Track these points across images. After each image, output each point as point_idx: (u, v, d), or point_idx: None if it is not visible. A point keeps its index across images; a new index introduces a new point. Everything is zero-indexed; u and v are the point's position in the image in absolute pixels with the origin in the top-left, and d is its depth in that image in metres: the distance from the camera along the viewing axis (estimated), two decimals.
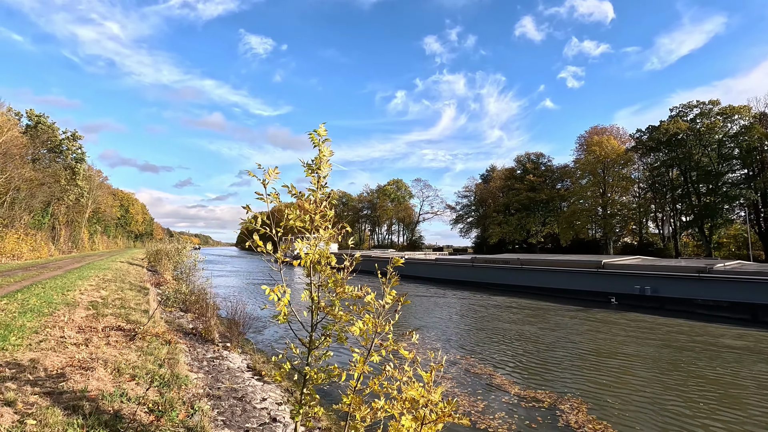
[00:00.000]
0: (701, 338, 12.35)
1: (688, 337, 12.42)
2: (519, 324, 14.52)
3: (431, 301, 20.31)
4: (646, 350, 10.86)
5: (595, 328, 13.89)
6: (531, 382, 8.29)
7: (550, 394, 7.43)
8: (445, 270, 29.97)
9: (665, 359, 10.00)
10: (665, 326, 14.06)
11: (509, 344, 11.64)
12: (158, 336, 7.59)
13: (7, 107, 32.89)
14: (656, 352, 10.72)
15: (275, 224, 3.08)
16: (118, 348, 6.43)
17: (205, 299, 11.87)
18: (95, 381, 4.68)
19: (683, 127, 46.14)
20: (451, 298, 21.55)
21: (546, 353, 10.62)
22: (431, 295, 22.62)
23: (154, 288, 17.52)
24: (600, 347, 11.24)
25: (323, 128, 3.19)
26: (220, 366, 7.29)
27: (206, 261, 32.32)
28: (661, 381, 8.35)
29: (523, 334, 12.84)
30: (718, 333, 13.05)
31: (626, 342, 11.81)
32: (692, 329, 13.61)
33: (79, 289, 12.30)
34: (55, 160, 39.19)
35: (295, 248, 14.69)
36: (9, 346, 5.52)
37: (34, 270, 19.55)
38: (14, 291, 11.22)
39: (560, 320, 15.24)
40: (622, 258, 23.70)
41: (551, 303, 19.35)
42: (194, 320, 12.14)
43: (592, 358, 10.13)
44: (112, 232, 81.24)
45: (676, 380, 8.39)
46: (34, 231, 32.93)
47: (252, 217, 3.16)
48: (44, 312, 8.22)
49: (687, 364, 9.54)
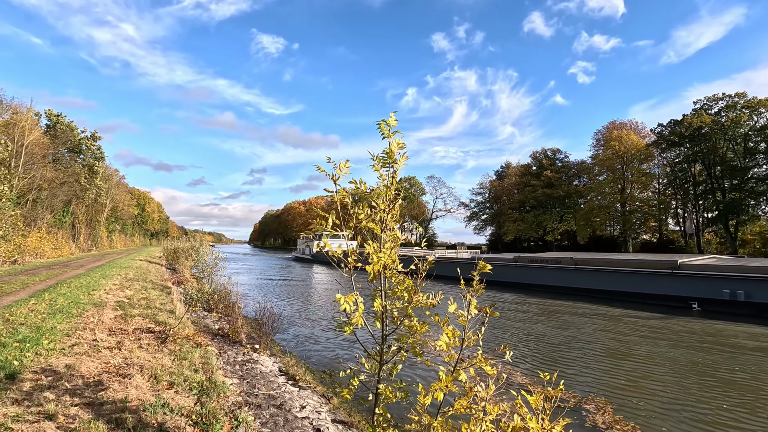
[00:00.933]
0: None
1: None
2: (595, 334, 12.67)
3: None
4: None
5: (696, 342, 11.63)
6: None
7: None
8: (448, 267, 29.09)
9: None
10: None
11: (597, 359, 9.99)
12: (188, 338, 7.38)
13: (27, 108, 33.31)
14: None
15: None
16: (151, 351, 6.22)
17: (229, 299, 11.68)
18: (134, 389, 4.44)
19: (707, 120, 44.74)
20: (498, 302, 19.80)
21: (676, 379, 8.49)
22: None
23: (176, 287, 17.47)
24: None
25: (393, 118, 2.87)
26: (253, 370, 7.05)
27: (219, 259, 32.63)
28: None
29: (612, 349, 10.94)
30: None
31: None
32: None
33: (104, 288, 12.23)
34: (75, 160, 39.67)
35: (314, 246, 14.20)
36: (43, 351, 5.34)
37: (57, 268, 19.69)
38: (41, 290, 11.18)
39: (644, 331, 13.06)
40: (698, 257, 21.45)
41: (616, 308, 17.35)
42: (219, 320, 11.98)
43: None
44: (129, 231, 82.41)
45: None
46: (55, 230, 33.37)
47: (321, 218, 2.84)
48: (73, 313, 8.08)
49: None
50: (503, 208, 74.95)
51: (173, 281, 19.05)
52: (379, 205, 2.83)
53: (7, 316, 7.46)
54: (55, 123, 38.17)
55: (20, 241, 22.97)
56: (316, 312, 16.66)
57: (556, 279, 22.69)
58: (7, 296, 10.33)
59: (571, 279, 21.93)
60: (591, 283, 20.90)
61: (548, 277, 23.20)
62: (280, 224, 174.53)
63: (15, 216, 23.52)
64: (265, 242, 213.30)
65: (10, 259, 20.88)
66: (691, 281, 17.32)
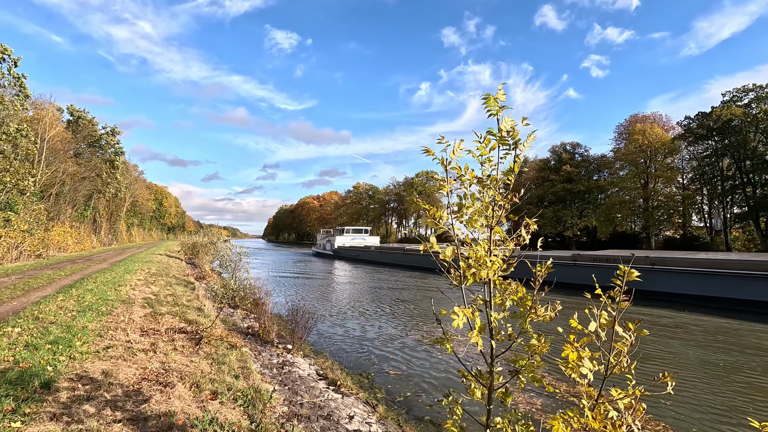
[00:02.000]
0: None
1: None
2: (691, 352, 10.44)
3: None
4: None
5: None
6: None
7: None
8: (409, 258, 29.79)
9: None
10: None
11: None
12: (222, 339, 7.02)
13: (50, 103, 33.56)
14: None
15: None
16: (186, 354, 5.85)
17: (257, 296, 11.34)
18: (177, 401, 4.05)
19: (737, 113, 42.98)
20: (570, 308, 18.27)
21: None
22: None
23: (199, 282, 17.27)
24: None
25: (501, 92, 2.36)
26: (291, 374, 6.65)
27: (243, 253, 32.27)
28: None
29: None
30: None
31: None
32: None
33: (130, 284, 12.01)
34: (96, 155, 40.02)
35: (335, 241, 13.36)
36: (77, 354, 4.99)
37: (80, 263, 19.70)
38: (67, 286, 10.99)
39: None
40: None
41: (714, 317, 14.86)
42: (246, 318, 11.67)
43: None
44: (147, 225, 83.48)
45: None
46: (77, 224, 33.70)
47: (431, 217, 2.36)
48: (102, 311, 7.79)
49: None
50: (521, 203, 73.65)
51: (195, 276, 18.89)
52: (493, 199, 2.33)
53: (36, 313, 7.20)
54: (77, 118, 38.49)
55: (44, 236, 23.12)
56: (342, 309, 16.27)
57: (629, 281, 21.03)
58: (35, 292, 10.15)
59: (646, 281, 19.66)
60: (673, 287, 18.68)
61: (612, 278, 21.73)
62: (294, 219, 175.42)
63: (38, 210, 23.68)
64: (279, 237, 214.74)
65: (35, 253, 20.99)
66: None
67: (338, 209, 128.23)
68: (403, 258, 40.12)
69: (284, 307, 14.57)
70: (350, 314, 15.25)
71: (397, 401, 6.91)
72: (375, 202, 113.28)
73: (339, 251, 56.46)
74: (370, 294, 20.89)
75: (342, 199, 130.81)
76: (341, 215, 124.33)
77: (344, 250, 55.73)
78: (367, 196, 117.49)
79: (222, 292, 12.96)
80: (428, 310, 16.31)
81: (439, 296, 18.88)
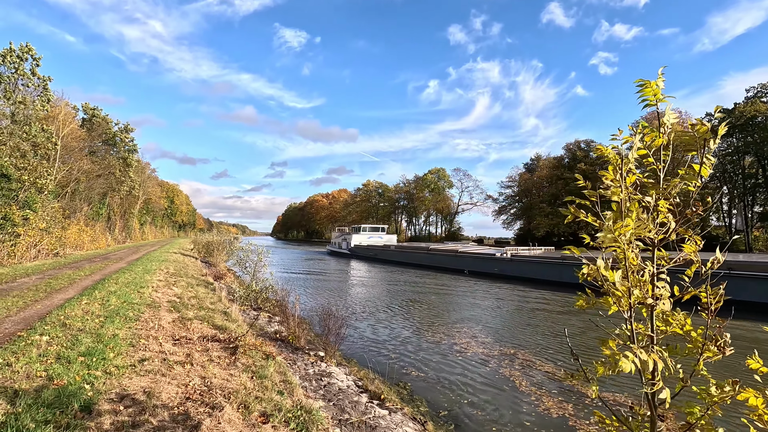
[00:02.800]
0: None
1: None
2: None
3: (523, 305, 17.46)
4: None
5: None
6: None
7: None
8: (531, 267, 25.58)
9: None
10: None
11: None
12: (256, 348, 6.64)
13: (64, 102, 33.59)
14: None
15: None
16: (224, 367, 5.48)
17: (282, 299, 10.97)
18: (228, 425, 3.66)
19: (762, 109, 41.77)
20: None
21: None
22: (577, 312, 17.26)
23: (217, 282, 17.00)
24: None
25: (662, 77, 1.91)
26: (331, 386, 6.25)
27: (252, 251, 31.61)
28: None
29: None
30: None
31: None
32: None
33: (152, 285, 11.72)
34: (110, 152, 40.09)
35: (351, 240, 12.64)
36: (112, 368, 4.64)
37: (98, 261, 19.56)
38: (90, 287, 10.72)
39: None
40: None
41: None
42: (270, 320, 11.32)
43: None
44: (159, 223, 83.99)
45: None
46: (92, 222, 33.74)
47: (613, 231, 1.90)
48: (130, 316, 7.46)
49: None
50: (534, 201, 72.73)
51: (213, 276, 18.64)
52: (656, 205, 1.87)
53: (62, 319, 6.89)
54: (92, 116, 38.55)
55: (61, 234, 23.05)
56: (367, 312, 15.76)
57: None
58: (57, 293, 9.89)
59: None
60: (755, 295, 16.09)
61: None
62: (304, 217, 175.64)
63: (56, 209, 23.62)
64: (288, 234, 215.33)
65: (53, 252, 20.91)
66: None
67: (347, 207, 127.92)
68: (428, 258, 37.46)
69: (307, 309, 14.20)
70: (376, 318, 14.71)
71: (441, 416, 6.49)
72: (385, 200, 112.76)
73: (355, 250, 54.60)
74: (394, 296, 20.10)
75: (351, 197, 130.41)
76: (350, 213, 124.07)
77: (361, 249, 53.95)
78: (376, 194, 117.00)
79: (244, 294, 12.63)
80: (460, 314, 15.82)
81: (555, 318, 15.27)
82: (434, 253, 36.98)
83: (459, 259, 32.65)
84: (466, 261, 31.81)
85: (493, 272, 28.39)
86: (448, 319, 14.61)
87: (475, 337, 11.81)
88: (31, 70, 23.17)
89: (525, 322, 14.25)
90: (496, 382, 8.07)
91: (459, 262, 32.46)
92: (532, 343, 11.15)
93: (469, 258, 31.87)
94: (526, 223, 76.77)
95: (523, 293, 21.07)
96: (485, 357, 9.77)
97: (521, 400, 7.17)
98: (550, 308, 16.87)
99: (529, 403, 7.00)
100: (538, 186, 72.95)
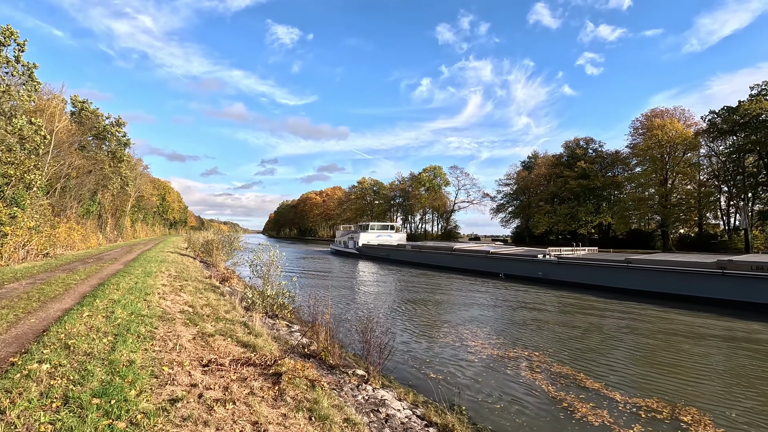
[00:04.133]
0: None
1: None
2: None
3: (615, 323, 14.33)
4: None
5: None
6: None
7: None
8: (583, 272, 23.40)
9: None
10: None
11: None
12: (298, 373, 5.60)
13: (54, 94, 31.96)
14: None
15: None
16: (270, 403, 4.44)
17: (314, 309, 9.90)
18: None
19: (767, 106, 41.48)
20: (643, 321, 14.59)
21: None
22: (598, 311, 16.45)
23: (223, 285, 15.86)
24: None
25: None
26: (391, 420, 5.24)
27: (245, 249, 29.58)
28: None
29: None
30: None
31: None
32: None
33: (157, 292, 10.58)
34: (101, 147, 38.45)
35: (359, 239, 10.97)
36: (139, 417, 3.56)
37: (92, 263, 18.28)
38: (88, 294, 9.56)
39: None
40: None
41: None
42: (291, 330, 10.26)
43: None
44: (150, 220, 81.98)
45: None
46: (83, 220, 32.22)
47: None
48: (143, 333, 6.37)
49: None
50: (532, 199, 72.25)
51: (217, 278, 17.47)
52: None
53: (63, 338, 5.78)
54: (81, 110, 36.89)
55: (51, 233, 21.67)
56: (392, 320, 14.34)
57: (702, 288, 17.95)
58: (53, 302, 8.72)
59: (727, 289, 17.08)
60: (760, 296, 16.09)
61: (688, 285, 18.60)
62: (297, 214, 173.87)
63: (45, 206, 22.21)
64: (280, 232, 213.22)
65: (42, 252, 19.55)
66: None
67: (342, 205, 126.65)
68: (453, 260, 34.01)
69: (361, 327, 12.95)
70: (406, 327, 13.17)
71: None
72: (380, 197, 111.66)
73: (364, 250, 51.39)
74: (422, 303, 18.00)
75: (346, 195, 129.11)
76: (345, 211, 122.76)
77: (370, 248, 50.65)
78: (371, 191, 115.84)
79: (258, 300, 11.56)
80: (517, 324, 14.71)
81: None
82: (460, 255, 33.85)
83: (491, 262, 30.10)
84: (502, 263, 29.05)
85: (537, 276, 25.70)
86: (508, 335, 12.37)
87: (553, 357, 9.91)
88: (15, 57, 21.62)
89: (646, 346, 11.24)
90: None
91: (492, 264, 29.90)
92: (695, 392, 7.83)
93: (504, 260, 29.14)
94: (524, 221, 76.35)
95: (592, 303, 18.19)
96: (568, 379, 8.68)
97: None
98: (673, 328, 13.55)
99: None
100: (537, 184, 72.44)
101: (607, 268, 22.50)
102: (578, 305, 17.82)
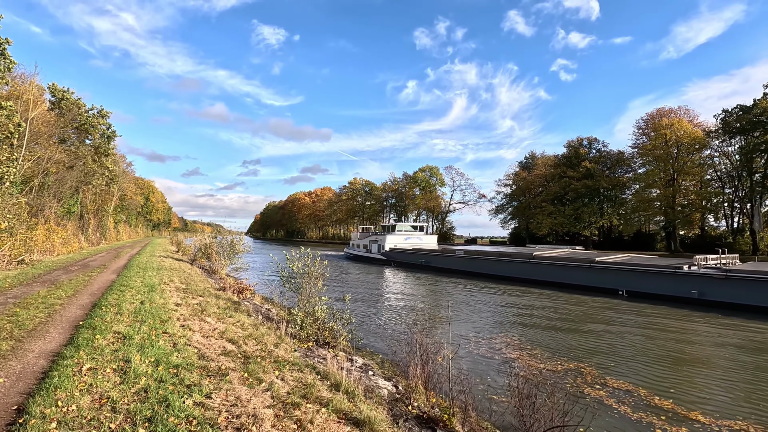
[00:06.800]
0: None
1: None
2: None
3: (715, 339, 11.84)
4: None
5: None
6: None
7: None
8: (641, 279, 19.90)
9: None
10: None
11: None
12: None
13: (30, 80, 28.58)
14: None
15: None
16: None
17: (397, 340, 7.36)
18: None
19: None
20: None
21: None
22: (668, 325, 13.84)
23: (244, 301, 13.14)
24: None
25: None
26: None
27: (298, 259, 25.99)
28: None
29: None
30: None
31: None
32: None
33: (175, 317, 7.89)
34: (84, 141, 34.98)
35: (383, 243, 6.85)
36: None
37: (76, 271, 15.33)
38: (83, 324, 6.83)
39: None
40: None
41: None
42: (366, 371, 7.68)
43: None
44: (134, 221, 77.68)
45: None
46: (63, 221, 28.87)
47: None
48: (193, 413, 3.77)
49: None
50: (533, 200, 70.66)
51: (230, 289, 14.72)
52: None
53: (53, 429, 3.16)
54: (61, 99, 33.40)
55: (27, 235, 18.54)
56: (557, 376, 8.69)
57: None
58: (31, 340, 5.99)
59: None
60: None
61: (755, 293, 16.67)
62: (284, 215, 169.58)
63: (20, 204, 19.06)
64: (266, 234, 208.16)
65: (17, 259, 16.48)
66: None
67: (332, 206, 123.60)
68: (533, 271, 26.21)
69: (372, 343, 8.84)
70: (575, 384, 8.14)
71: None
72: (372, 198, 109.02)
73: (392, 255, 42.84)
74: (563, 331, 12.98)
75: (336, 196, 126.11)
76: (336, 212, 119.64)
77: (400, 253, 41.89)
78: (363, 192, 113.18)
79: (304, 323, 8.99)
80: None
81: None
82: (545, 264, 25.79)
83: (600, 274, 22.62)
84: (619, 276, 21.73)
85: (690, 296, 18.60)
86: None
87: None
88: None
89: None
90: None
91: (601, 277, 22.50)
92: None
93: (624, 271, 21.68)
94: (524, 222, 74.73)
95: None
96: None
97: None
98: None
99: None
100: (536, 184, 70.84)
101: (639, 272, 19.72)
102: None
